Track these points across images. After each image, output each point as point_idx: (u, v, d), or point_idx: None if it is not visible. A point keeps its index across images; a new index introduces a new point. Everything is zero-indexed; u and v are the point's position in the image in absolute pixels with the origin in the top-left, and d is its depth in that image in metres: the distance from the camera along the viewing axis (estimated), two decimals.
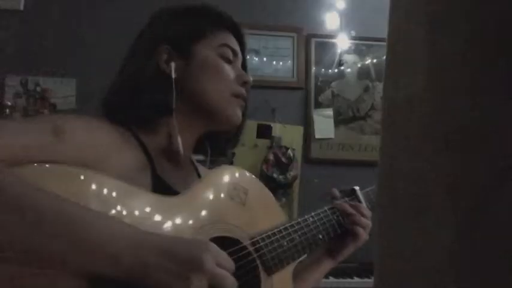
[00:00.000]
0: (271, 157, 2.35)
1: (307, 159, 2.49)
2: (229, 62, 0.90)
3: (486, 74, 0.29)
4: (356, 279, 2.11)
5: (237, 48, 0.92)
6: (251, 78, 0.92)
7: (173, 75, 0.84)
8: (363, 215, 0.99)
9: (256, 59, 2.56)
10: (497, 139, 0.29)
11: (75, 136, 0.71)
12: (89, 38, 2.34)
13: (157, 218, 0.72)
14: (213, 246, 0.67)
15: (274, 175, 2.32)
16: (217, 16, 0.92)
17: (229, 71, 0.89)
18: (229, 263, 0.68)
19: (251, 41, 2.56)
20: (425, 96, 0.33)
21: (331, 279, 2.08)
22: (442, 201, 0.31)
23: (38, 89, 2.36)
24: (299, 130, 2.50)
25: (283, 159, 2.35)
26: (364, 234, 0.97)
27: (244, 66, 0.95)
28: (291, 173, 2.34)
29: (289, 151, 2.37)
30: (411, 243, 0.33)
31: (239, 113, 0.90)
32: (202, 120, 0.89)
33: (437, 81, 0.32)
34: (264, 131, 2.41)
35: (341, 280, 2.09)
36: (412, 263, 0.33)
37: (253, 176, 0.90)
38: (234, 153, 2.42)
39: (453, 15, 0.31)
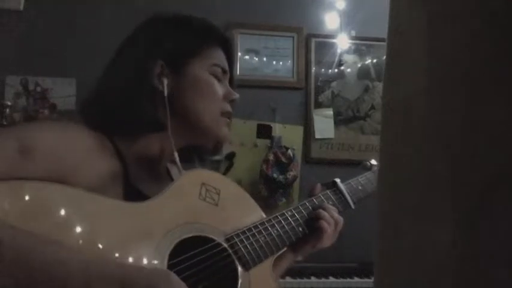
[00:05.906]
0: (271, 157, 2.34)
1: (307, 159, 2.49)
2: (219, 80, 0.92)
3: (486, 75, 0.29)
4: (356, 279, 2.11)
5: (227, 66, 0.95)
6: (237, 95, 0.95)
7: (165, 93, 0.86)
8: (329, 212, 0.96)
9: (256, 59, 2.56)
10: (497, 139, 0.29)
11: (43, 152, 0.71)
12: (89, 38, 2.34)
13: (126, 223, 0.73)
14: (173, 276, 0.69)
15: (274, 175, 2.32)
16: (210, 33, 0.94)
17: (219, 89, 0.91)
18: None
19: (251, 41, 2.57)
20: (425, 96, 0.33)
21: (331, 279, 2.08)
22: (442, 201, 0.31)
23: (38, 89, 2.35)
24: (299, 130, 2.50)
25: (283, 159, 2.35)
26: (327, 230, 0.94)
27: (231, 80, 0.98)
28: (291, 173, 2.34)
29: (289, 151, 2.37)
30: (411, 243, 0.33)
31: (227, 131, 0.93)
32: (190, 136, 0.91)
33: (437, 81, 0.32)
34: (264, 131, 2.41)
35: (341, 280, 2.09)
36: (412, 263, 0.33)
37: (226, 177, 0.94)
38: (234, 153, 2.42)
39: (453, 15, 0.31)
